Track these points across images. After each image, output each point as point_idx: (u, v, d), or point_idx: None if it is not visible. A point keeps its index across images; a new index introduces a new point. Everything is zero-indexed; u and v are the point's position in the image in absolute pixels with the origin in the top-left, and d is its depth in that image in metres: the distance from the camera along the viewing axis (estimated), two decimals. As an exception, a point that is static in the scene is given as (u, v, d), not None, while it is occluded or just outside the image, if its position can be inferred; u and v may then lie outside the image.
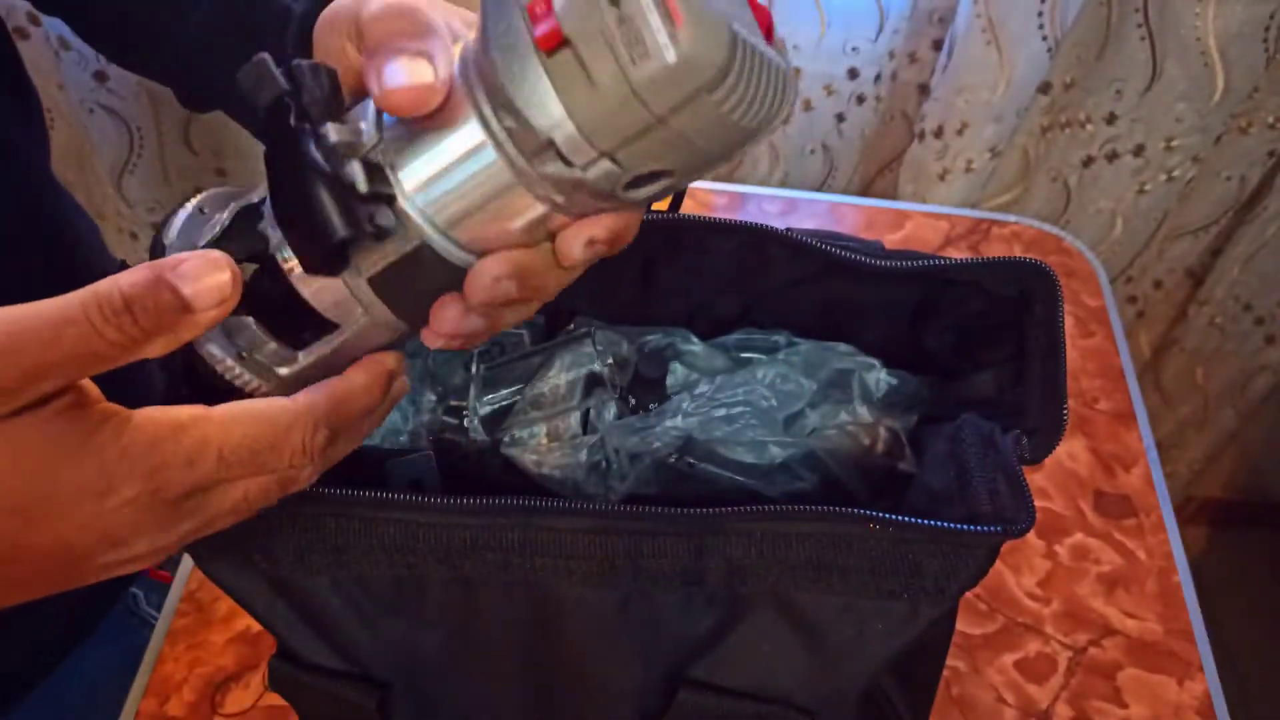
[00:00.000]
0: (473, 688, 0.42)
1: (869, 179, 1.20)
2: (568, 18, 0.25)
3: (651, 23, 0.25)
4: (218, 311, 0.27)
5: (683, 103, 0.25)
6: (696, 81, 0.25)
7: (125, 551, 0.30)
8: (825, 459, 0.47)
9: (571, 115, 0.26)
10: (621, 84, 0.25)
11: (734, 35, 0.25)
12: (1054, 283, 0.40)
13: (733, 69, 0.25)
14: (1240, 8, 0.94)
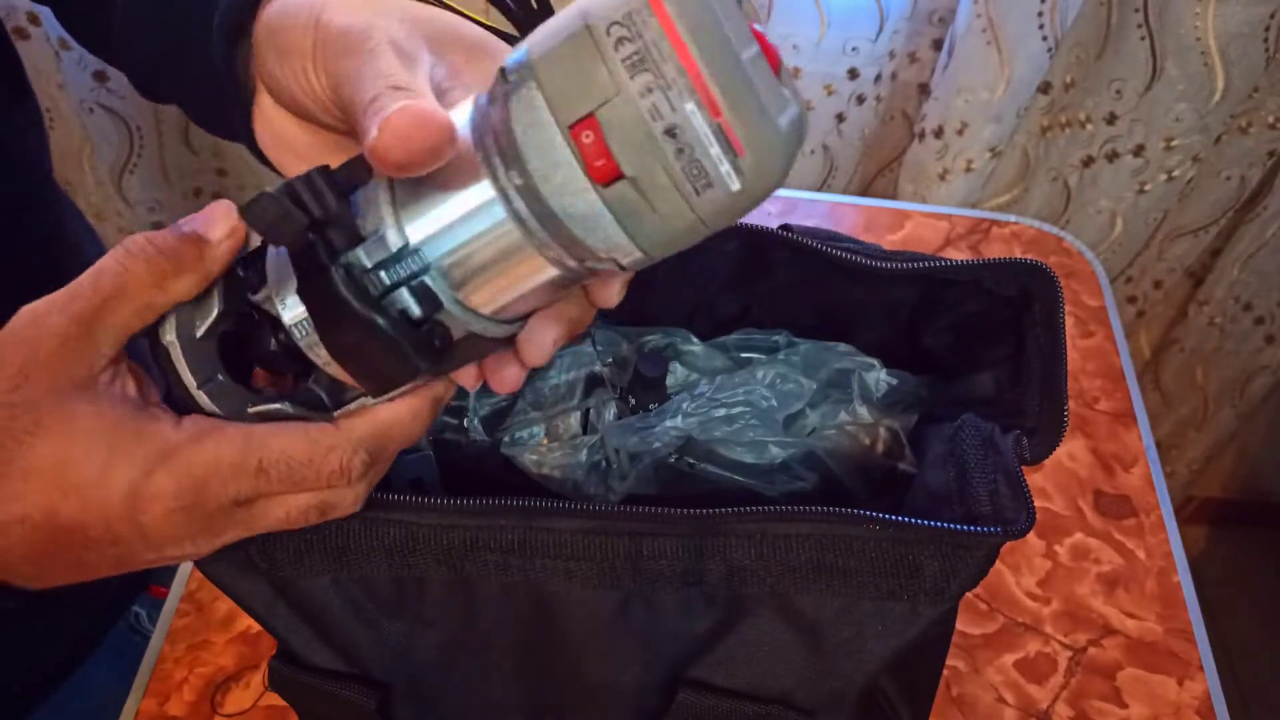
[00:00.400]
0: (473, 688, 0.42)
1: (869, 179, 1.20)
2: (624, 152, 0.25)
3: (712, 153, 0.24)
4: (231, 241, 0.29)
5: (743, 212, 0.26)
6: (759, 195, 0.25)
7: (166, 553, 0.31)
8: (825, 459, 0.47)
9: (634, 240, 0.26)
10: (685, 211, 0.25)
11: (786, 137, 0.25)
12: (1054, 283, 0.40)
13: (788, 166, 0.26)
14: (1240, 8, 0.94)
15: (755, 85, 0.25)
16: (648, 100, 0.24)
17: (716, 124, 0.24)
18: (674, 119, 0.24)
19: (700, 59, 0.24)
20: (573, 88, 0.25)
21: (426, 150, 0.26)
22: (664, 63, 0.24)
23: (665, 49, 0.24)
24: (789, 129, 0.25)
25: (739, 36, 0.25)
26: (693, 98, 0.24)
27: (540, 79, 0.25)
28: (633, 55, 0.24)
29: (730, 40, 0.25)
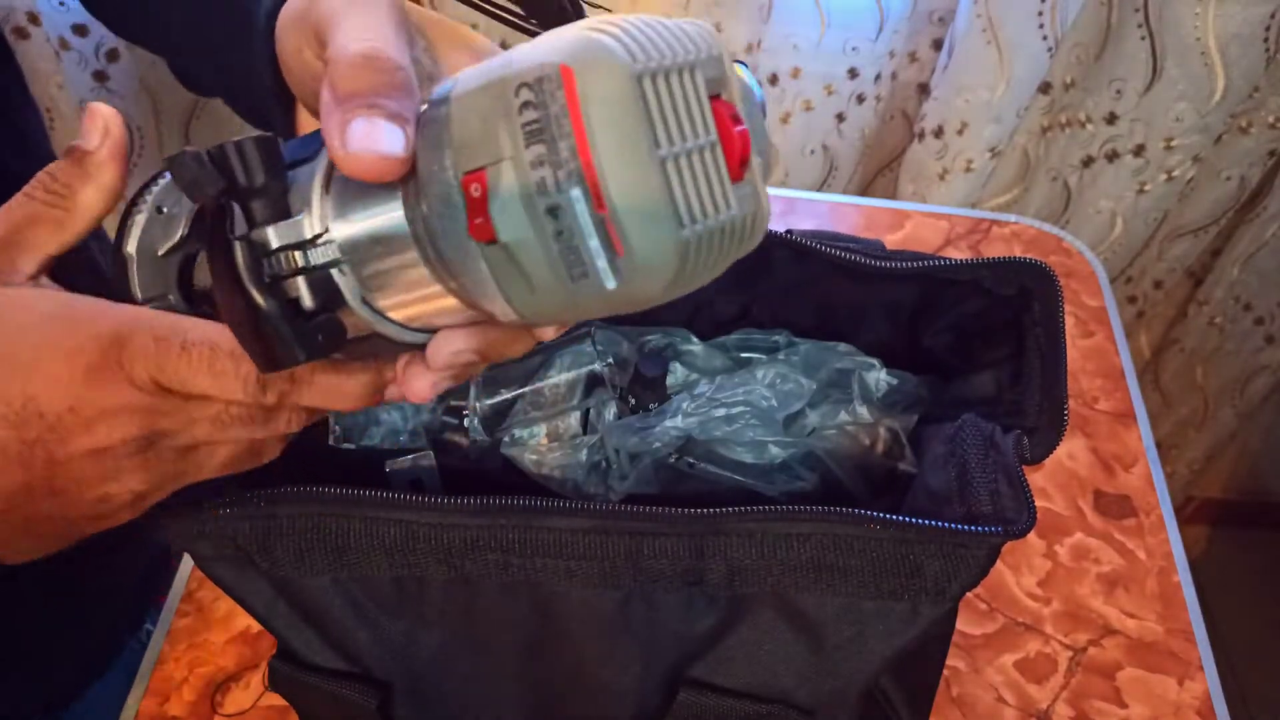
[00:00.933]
0: (473, 687, 0.42)
1: (869, 179, 1.20)
2: (502, 219, 0.23)
3: (590, 245, 0.23)
4: (110, 143, 0.31)
5: (634, 307, 0.25)
6: (640, 298, 0.24)
7: (111, 473, 0.30)
8: (825, 459, 0.47)
9: (511, 304, 0.25)
10: (561, 292, 0.24)
11: (684, 247, 0.23)
12: (1054, 282, 0.40)
13: (682, 275, 0.24)
14: (1240, 8, 0.94)
15: (663, 186, 0.23)
16: (537, 173, 0.23)
17: (600, 217, 0.23)
18: (558, 199, 0.23)
19: (598, 145, 0.22)
20: (474, 136, 0.23)
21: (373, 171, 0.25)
22: (560, 140, 0.22)
23: (565, 126, 0.22)
24: (698, 238, 0.23)
25: (676, 128, 0.23)
26: (580, 184, 0.22)
27: (452, 116, 0.24)
28: (533, 123, 0.23)
29: (647, 134, 0.23)
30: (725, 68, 0.25)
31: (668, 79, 0.23)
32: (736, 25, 1.05)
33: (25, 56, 0.96)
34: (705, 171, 0.24)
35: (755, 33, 1.05)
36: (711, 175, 0.24)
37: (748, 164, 0.25)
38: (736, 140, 0.24)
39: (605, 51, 0.23)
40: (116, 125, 0.31)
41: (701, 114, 0.24)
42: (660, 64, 0.23)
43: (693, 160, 0.23)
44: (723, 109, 0.25)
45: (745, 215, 0.25)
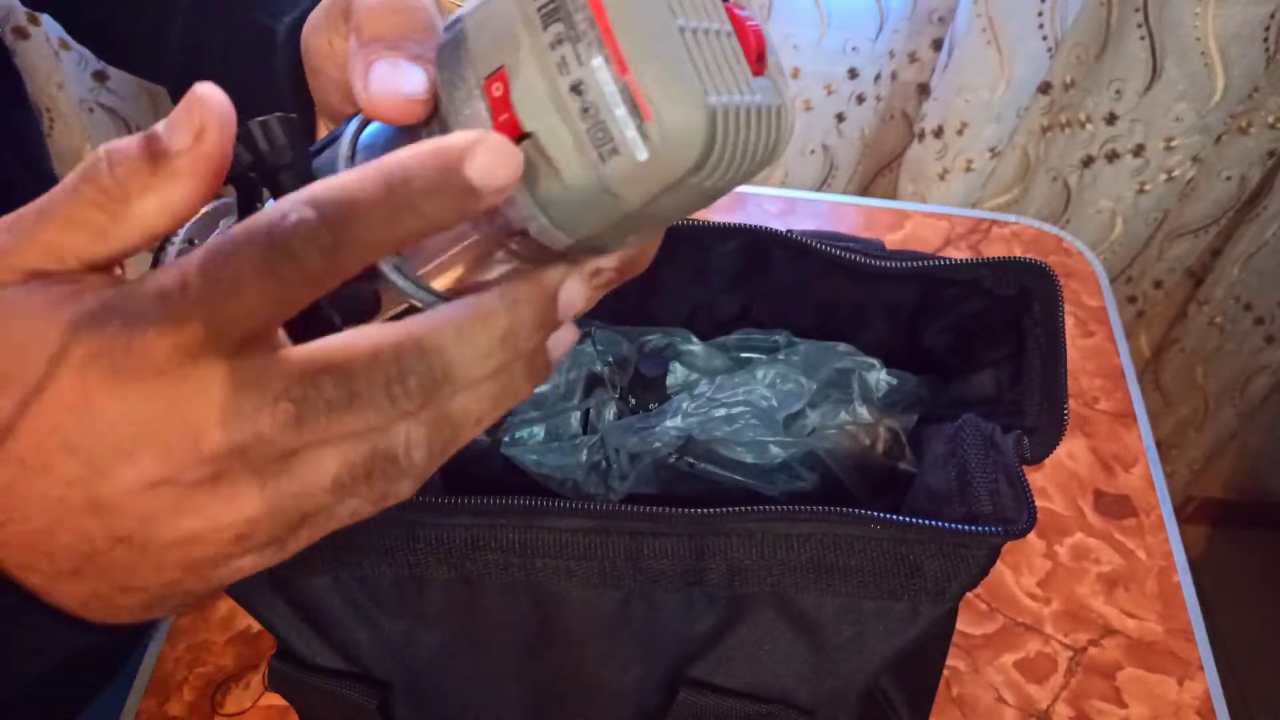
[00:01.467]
0: (473, 687, 0.42)
1: (869, 179, 1.20)
2: (525, 108, 0.23)
3: (617, 115, 0.22)
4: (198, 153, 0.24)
5: (661, 193, 0.23)
6: (674, 173, 0.23)
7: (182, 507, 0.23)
8: (825, 459, 0.47)
9: (543, 209, 0.24)
10: (593, 180, 0.23)
11: (711, 115, 0.23)
12: (1054, 282, 0.40)
13: (714, 149, 0.23)
14: (1240, 8, 0.94)
15: (684, 51, 0.22)
16: (556, 53, 0.22)
17: (623, 81, 0.22)
18: (580, 74, 0.22)
19: (615, 10, 0.22)
20: (491, 40, 0.23)
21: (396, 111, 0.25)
22: (577, 13, 0.22)
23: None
24: (727, 110, 0.23)
25: (691, 4, 0.23)
26: (600, 51, 0.22)
27: (467, 29, 0.24)
28: (549, 5, 0.22)
29: (665, 2, 0.22)
30: None
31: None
32: (736, 25, 1.05)
33: (25, 56, 0.96)
34: (724, 53, 0.24)
35: (755, 33, 1.05)
36: (730, 59, 0.24)
37: (764, 60, 0.25)
38: (750, 33, 0.24)
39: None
40: (216, 125, 0.23)
41: (714, 5, 0.24)
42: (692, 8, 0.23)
43: (710, 39, 0.23)
44: (733, 8, 0.25)
45: (771, 105, 0.24)
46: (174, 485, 0.23)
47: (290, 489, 0.24)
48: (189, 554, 0.24)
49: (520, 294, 0.25)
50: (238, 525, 0.24)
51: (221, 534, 0.24)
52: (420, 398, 0.23)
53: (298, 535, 0.25)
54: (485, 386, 0.25)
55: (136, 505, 0.23)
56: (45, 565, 0.24)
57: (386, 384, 0.23)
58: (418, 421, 0.24)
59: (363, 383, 0.23)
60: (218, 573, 0.25)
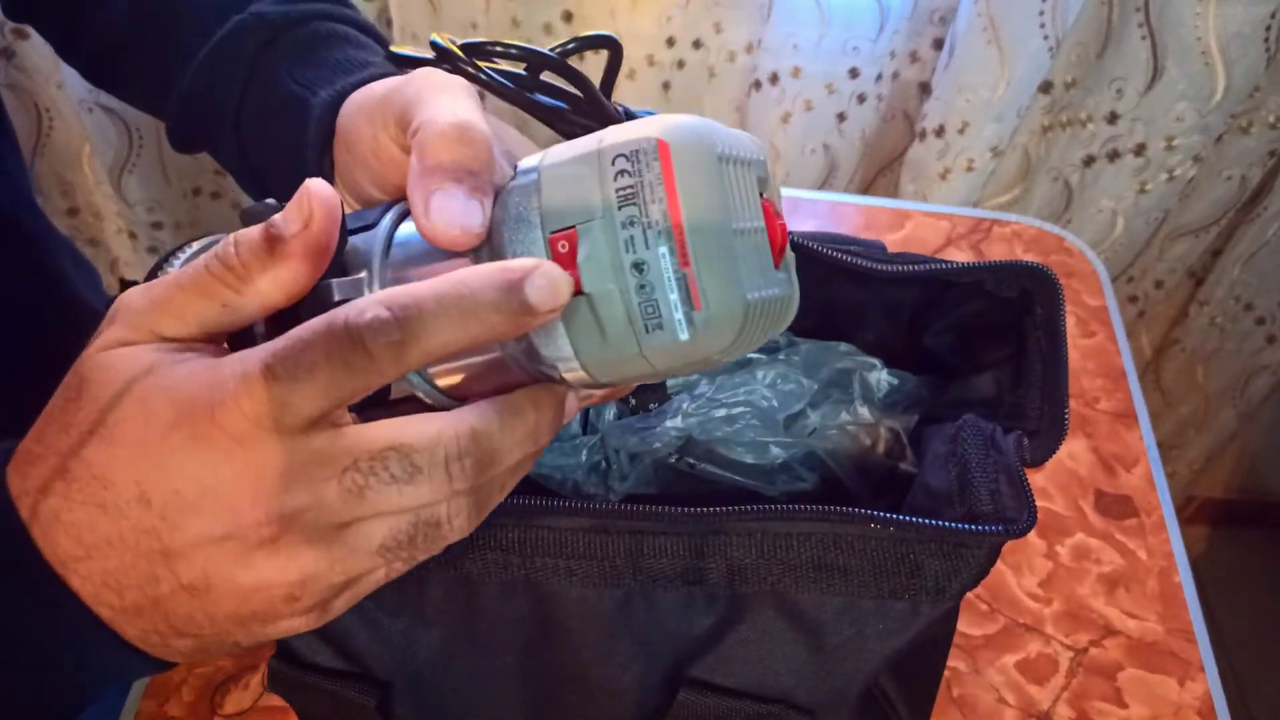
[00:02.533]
0: (473, 687, 0.42)
1: (870, 178, 1.20)
2: (589, 270, 0.26)
3: (670, 299, 0.26)
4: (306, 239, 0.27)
5: (686, 366, 0.27)
6: (704, 355, 0.26)
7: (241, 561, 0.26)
8: (826, 459, 0.46)
9: (578, 356, 0.27)
10: (632, 344, 0.26)
11: (747, 308, 0.26)
12: (1055, 286, 0.40)
13: (743, 335, 0.26)
14: (1241, 7, 0.94)
15: (735, 253, 0.26)
16: (626, 232, 0.25)
17: (683, 273, 0.25)
18: (645, 255, 0.25)
19: (687, 211, 0.25)
20: (566, 200, 0.26)
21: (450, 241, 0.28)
22: (653, 203, 0.25)
23: (658, 192, 0.25)
24: (756, 304, 0.26)
25: (742, 208, 0.26)
26: (668, 242, 0.25)
27: (543, 183, 0.27)
28: (628, 188, 0.26)
29: (725, 205, 0.26)
30: (769, 171, 0.29)
31: (735, 166, 0.27)
32: (737, 25, 1.05)
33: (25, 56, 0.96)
34: (758, 251, 0.27)
35: (756, 32, 1.05)
36: (763, 255, 0.27)
37: (783, 254, 0.28)
38: (779, 232, 0.28)
39: (696, 131, 0.26)
40: (323, 215, 0.27)
41: (755, 203, 0.27)
42: (736, 155, 0.27)
43: (751, 239, 0.27)
44: (768, 204, 0.28)
45: (784, 296, 0.28)
46: (236, 542, 0.25)
47: (341, 554, 0.26)
48: (243, 608, 0.26)
49: (543, 400, 0.28)
50: (290, 585, 0.26)
51: (274, 591, 0.26)
52: (473, 476, 0.26)
53: (341, 597, 0.28)
54: (516, 466, 0.29)
55: (201, 557, 0.25)
56: (115, 600, 0.26)
57: (446, 463, 0.26)
58: (465, 495, 0.27)
59: (424, 460, 0.26)
60: (266, 629, 0.27)
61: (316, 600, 0.27)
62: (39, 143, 1.02)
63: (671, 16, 1.04)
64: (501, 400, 0.28)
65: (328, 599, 0.27)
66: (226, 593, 0.26)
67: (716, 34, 1.06)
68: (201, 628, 0.27)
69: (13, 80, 0.97)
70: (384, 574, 0.28)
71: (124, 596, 0.26)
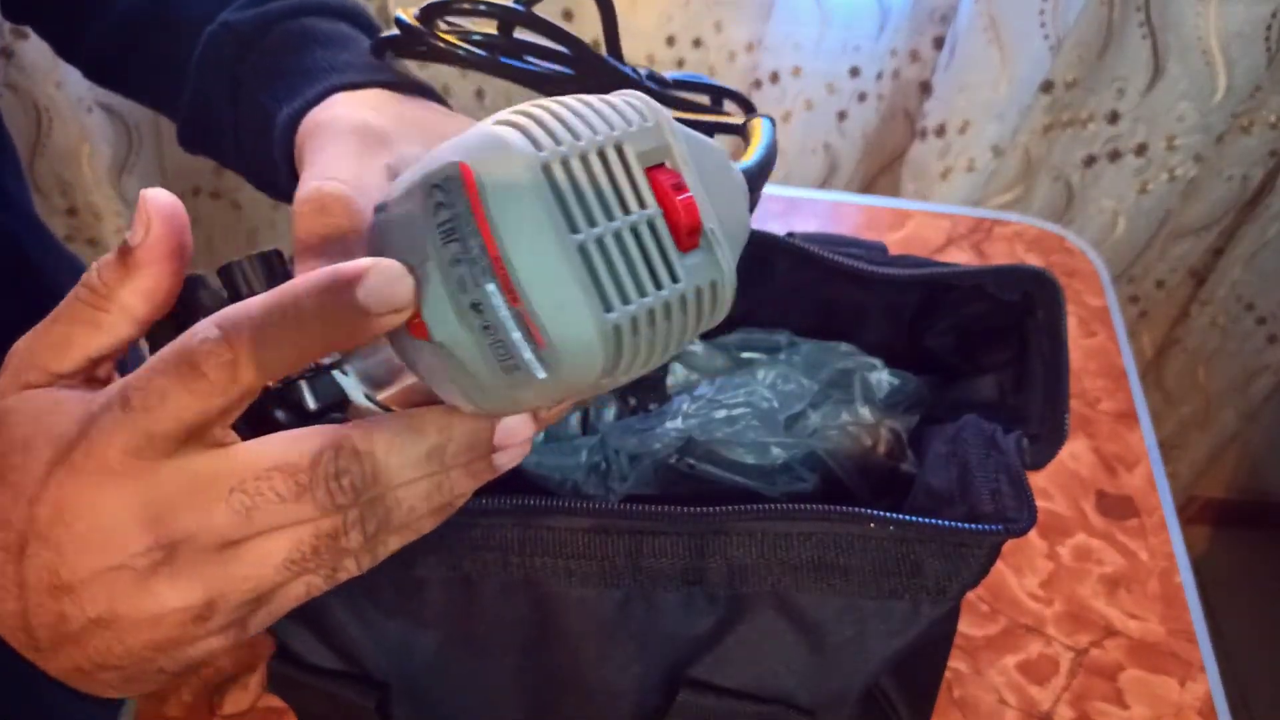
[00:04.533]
0: (472, 688, 0.42)
1: (870, 177, 1.20)
2: (432, 317, 0.24)
3: (514, 338, 0.23)
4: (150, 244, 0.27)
5: (583, 392, 0.25)
6: (578, 386, 0.24)
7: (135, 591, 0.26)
8: (826, 460, 0.46)
9: (465, 396, 0.25)
10: (504, 384, 0.24)
11: (607, 332, 0.23)
12: (1057, 291, 0.40)
13: (621, 358, 0.24)
14: (1242, 7, 0.94)
15: (585, 271, 0.23)
16: (455, 271, 0.23)
17: (516, 310, 0.23)
18: (478, 295, 0.23)
19: (502, 238, 0.22)
20: (403, 241, 0.24)
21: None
22: (471, 237, 0.23)
23: (472, 223, 0.23)
24: (629, 320, 0.23)
25: (595, 209, 0.23)
26: (492, 278, 0.23)
27: (386, 225, 0.25)
28: (447, 222, 0.23)
29: (554, 222, 0.23)
30: (666, 136, 0.25)
31: (586, 161, 0.23)
32: (737, 24, 1.05)
33: (24, 56, 0.96)
34: (640, 249, 0.24)
35: (756, 31, 1.05)
36: (651, 251, 0.24)
37: (698, 231, 0.25)
38: (679, 210, 0.24)
39: (501, 145, 0.23)
40: (161, 220, 0.26)
41: (634, 189, 0.24)
42: (576, 147, 0.23)
43: (623, 239, 0.23)
44: (663, 178, 0.24)
45: (697, 286, 0.25)
46: (131, 571, 0.25)
47: (241, 572, 0.26)
48: (155, 634, 0.26)
49: (453, 423, 0.27)
50: (195, 607, 0.26)
51: (182, 614, 0.26)
52: (351, 495, 0.26)
53: (257, 614, 0.28)
54: (418, 485, 0.27)
55: (102, 590, 0.26)
56: (25, 639, 0.27)
57: (326, 481, 0.25)
58: (355, 510, 0.26)
59: (307, 478, 0.25)
60: (186, 652, 0.27)
61: (230, 619, 0.27)
62: (38, 143, 1.02)
63: (672, 15, 1.04)
64: (400, 416, 0.27)
65: (242, 616, 0.27)
66: (135, 621, 0.26)
67: (717, 33, 1.06)
68: (121, 659, 0.27)
69: (12, 80, 0.97)
70: (304, 588, 0.28)
71: (35, 637, 0.26)
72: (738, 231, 0.27)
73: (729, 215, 0.26)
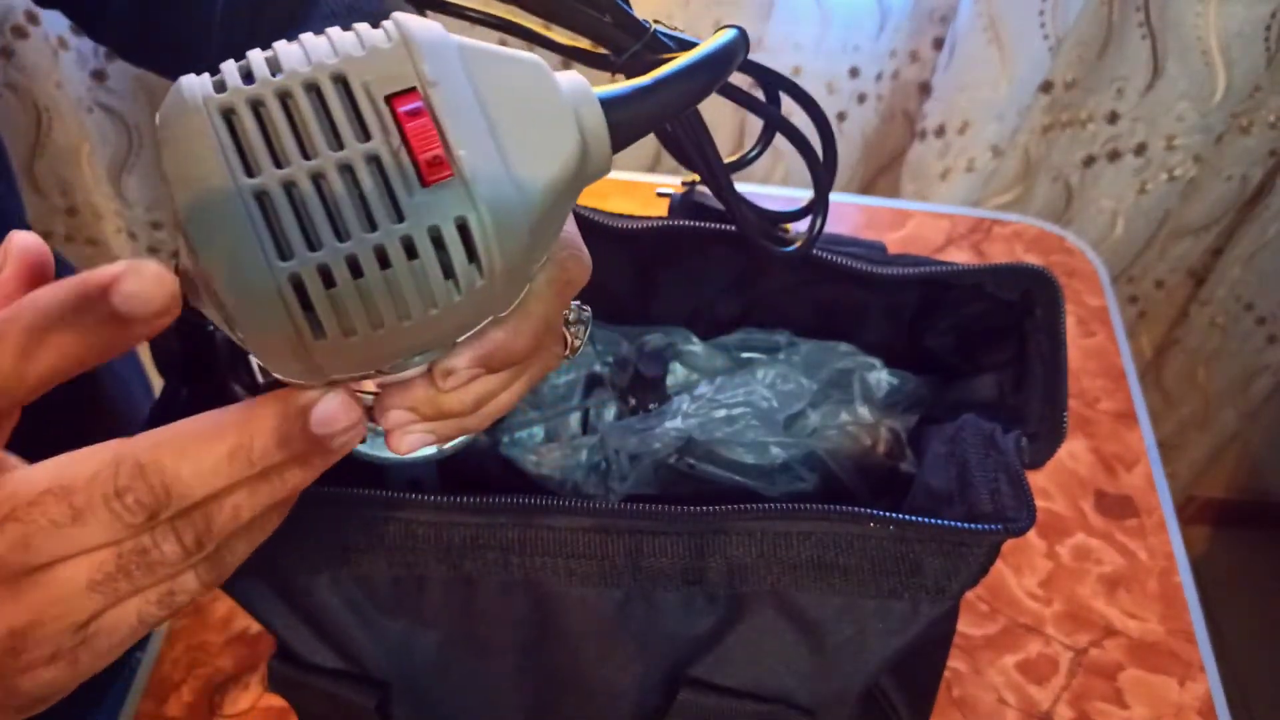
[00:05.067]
0: (472, 687, 0.42)
1: (870, 178, 1.20)
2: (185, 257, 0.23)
3: (205, 300, 0.23)
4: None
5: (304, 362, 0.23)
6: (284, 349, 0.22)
7: None
8: (826, 459, 0.46)
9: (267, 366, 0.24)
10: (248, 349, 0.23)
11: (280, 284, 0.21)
12: (1056, 289, 0.40)
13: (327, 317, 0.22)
14: (1241, 7, 0.94)
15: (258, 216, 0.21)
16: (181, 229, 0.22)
17: (199, 268, 0.22)
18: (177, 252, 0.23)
19: (176, 187, 0.21)
20: None
21: None
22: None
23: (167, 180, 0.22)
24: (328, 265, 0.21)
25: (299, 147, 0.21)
26: (183, 235, 0.22)
27: None
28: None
29: (233, 163, 0.21)
30: (411, 60, 0.22)
31: (288, 97, 0.22)
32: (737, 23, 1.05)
33: (24, 56, 0.96)
34: (353, 186, 0.22)
35: (756, 31, 1.05)
36: (368, 189, 0.22)
37: (443, 162, 0.22)
38: (412, 137, 0.22)
39: (176, 94, 0.22)
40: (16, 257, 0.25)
41: (354, 121, 0.22)
42: (271, 84, 0.22)
43: (325, 178, 0.21)
44: (401, 105, 0.22)
45: (430, 225, 0.22)
46: None
47: (43, 599, 0.24)
48: None
49: (258, 413, 0.24)
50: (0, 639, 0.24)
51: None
52: (141, 513, 0.24)
53: (90, 645, 0.26)
54: (234, 490, 0.25)
55: None
56: None
57: (106, 501, 0.23)
58: (164, 526, 0.25)
59: (83, 500, 0.23)
60: (17, 683, 0.26)
61: (52, 649, 0.25)
62: (38, 142, 1.02)
63: (672, 14, 1.04)
64: (192, 421, 0.24)
65: (68, 645, 0.25)
66: None
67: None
68: None
69: (12, 80, 0.97)
70: (134, 614, 0.26)
71: None
72: (540, 161, 0.24)
73: (525, 142, 0.23)
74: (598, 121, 0.25)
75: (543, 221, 0.24)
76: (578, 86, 0.25)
